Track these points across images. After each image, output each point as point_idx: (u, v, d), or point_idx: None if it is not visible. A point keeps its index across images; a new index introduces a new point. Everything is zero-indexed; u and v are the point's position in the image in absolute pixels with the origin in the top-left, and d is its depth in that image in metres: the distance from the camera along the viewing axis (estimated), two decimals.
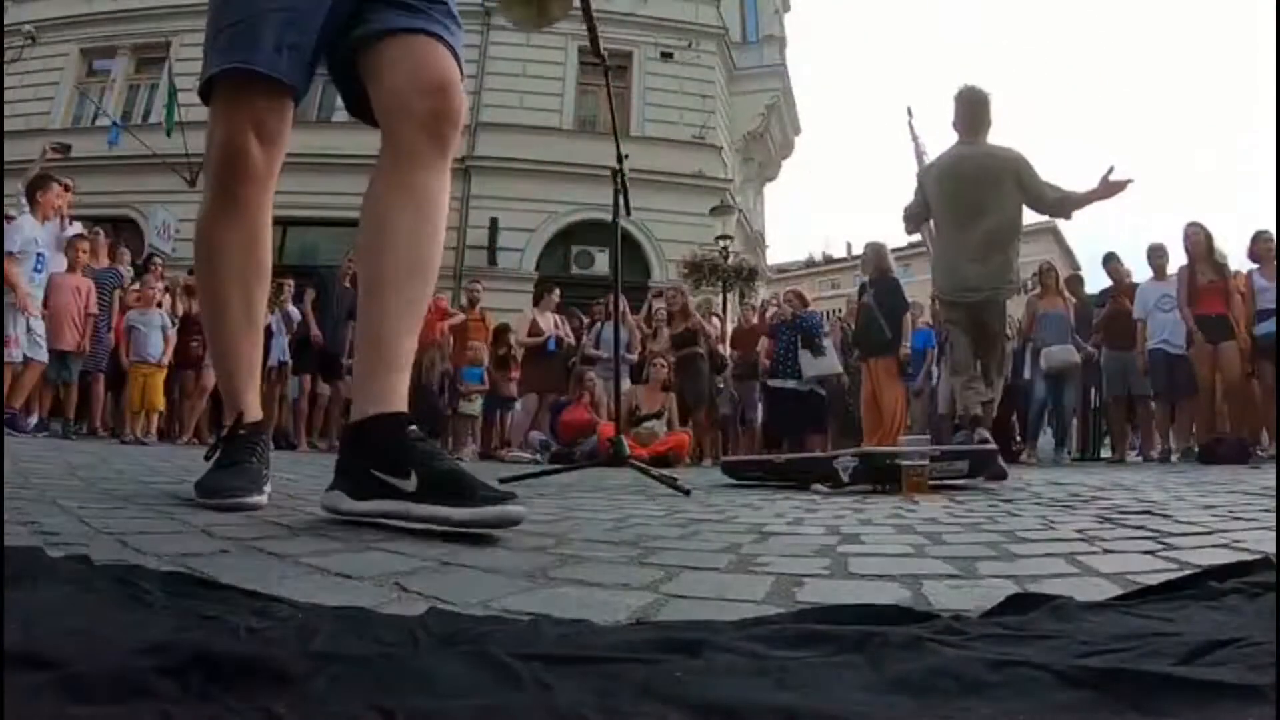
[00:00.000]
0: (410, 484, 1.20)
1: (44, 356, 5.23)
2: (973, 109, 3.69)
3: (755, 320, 7.93)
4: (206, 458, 1.53)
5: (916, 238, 4.46)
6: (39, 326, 5.17)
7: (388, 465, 1.22)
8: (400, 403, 1.31)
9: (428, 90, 1.35)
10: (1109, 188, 3.46)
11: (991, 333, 3.72)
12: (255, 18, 1.30)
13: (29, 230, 5.19)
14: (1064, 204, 3.60)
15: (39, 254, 5.21)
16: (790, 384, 6.64)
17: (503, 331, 7.38)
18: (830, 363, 6.62)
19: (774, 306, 7.69)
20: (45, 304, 5.29)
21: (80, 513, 1.24)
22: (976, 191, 3.57)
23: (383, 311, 1.35)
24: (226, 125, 1.36)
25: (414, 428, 1.28)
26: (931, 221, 3.87)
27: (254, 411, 1.51)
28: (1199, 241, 5.64)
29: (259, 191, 1.42)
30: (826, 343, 6.67)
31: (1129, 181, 3.47)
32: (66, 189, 5.61)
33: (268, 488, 1.45)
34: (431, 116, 1.36)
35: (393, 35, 1.35)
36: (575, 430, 5.90)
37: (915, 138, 4.37)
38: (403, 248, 1.36)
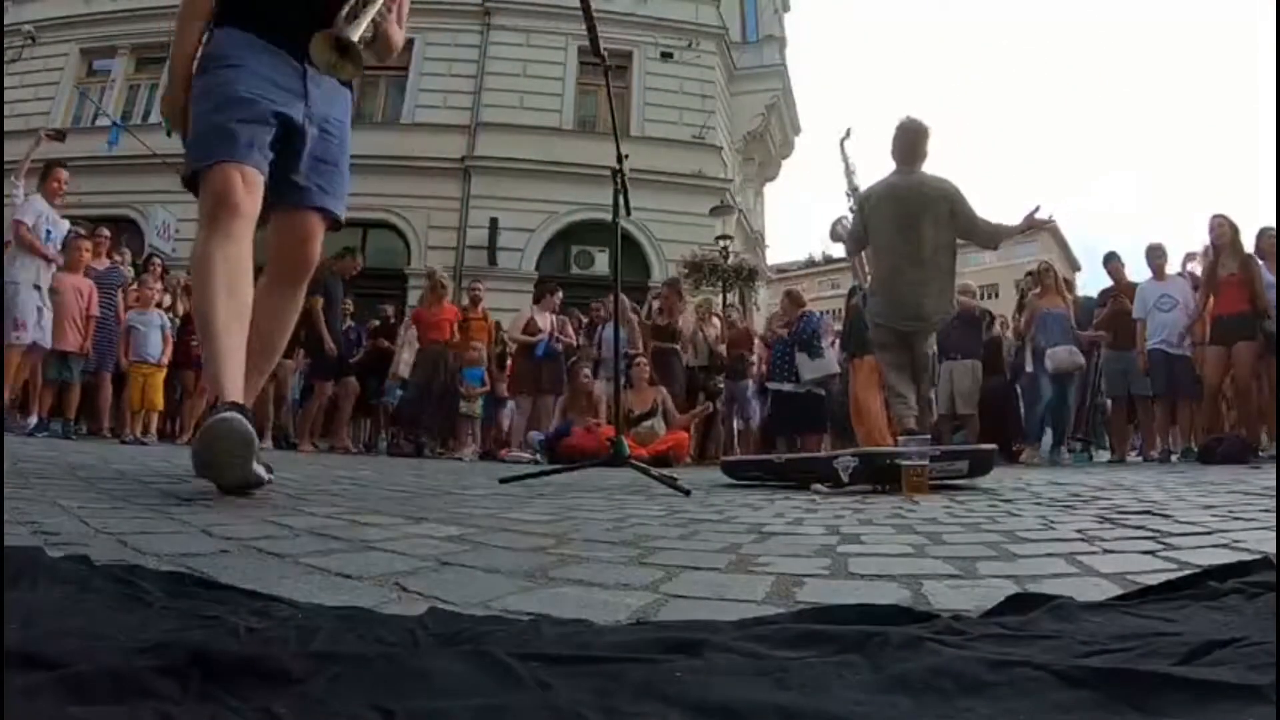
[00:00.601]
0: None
1: (48, 344, 5.24)
2: (912, 140, 3.86)
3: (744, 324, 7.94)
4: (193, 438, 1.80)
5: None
6: (48, 316, 5.19)
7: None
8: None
9: (298, 247, 2.09)
10: (1032, 223, 3.83)
11: (925, 357, 3.93)
12: (237, 116, 1.86)
13: (39, 208, 5.24)
14: (995, 235, 3.90)
15: (49, 230, 5.24)
16: (787, 387, 6.65)
17: (496, 329, 7.39)
18: (828, 364, 6.63)
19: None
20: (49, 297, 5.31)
21: (80, 513, 1.24)
22: (915, 221, 3.74)
23: (251, 368, 1.91)
24: (217, 185, 1.83)
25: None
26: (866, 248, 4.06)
27: (232, 393, 1.74)
28: (1224, 233, 5.58)
29: (246, 226, 1.86)
30: (824, 344, 6.68)
31: (1049, 220, 3.91)
32: (61, 180, 5.60)
33: (266, 472, 1.69)
34: (294, 265, 2.11)
35: (288, 209, 2.04)
36: (575, 452, 5.76)
37: (846, 158, 4.52)
38: (262, 335, 2.00)
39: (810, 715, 0.41)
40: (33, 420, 5.46)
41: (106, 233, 6.60)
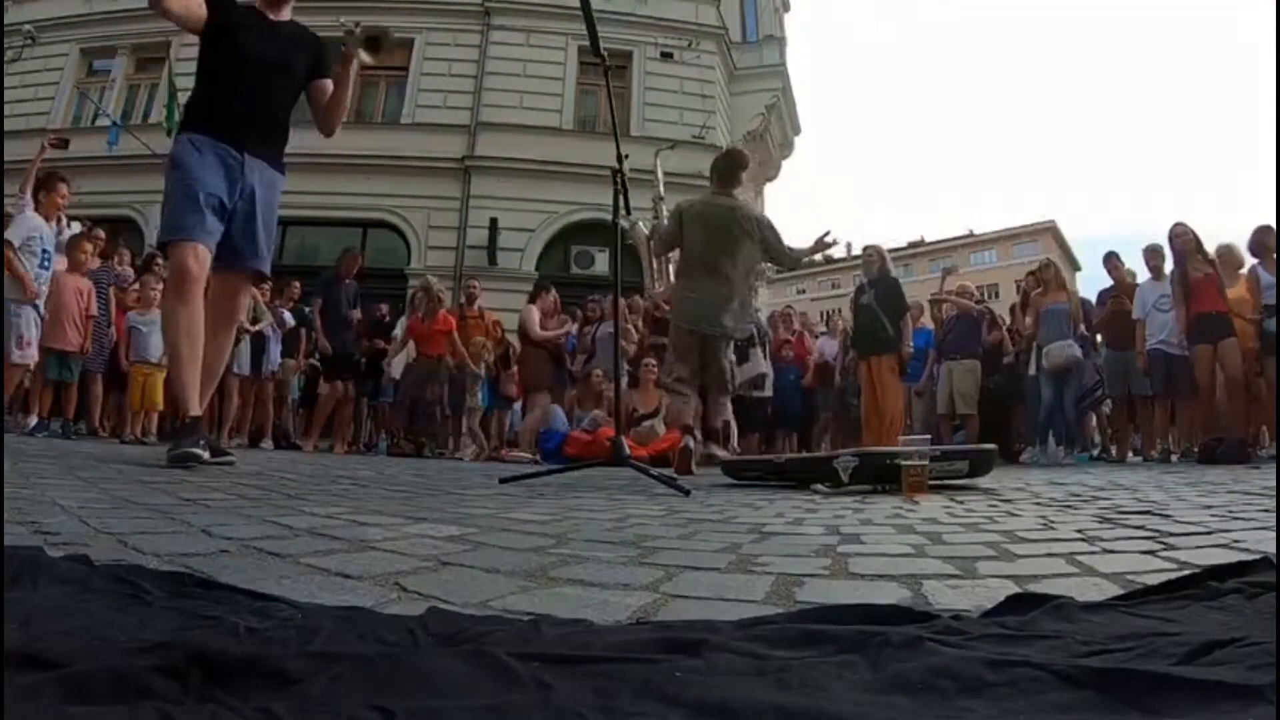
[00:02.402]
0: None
1: (35, 356, 5.24)
2: (734, 166, 4.30)
3: None
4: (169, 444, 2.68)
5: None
6: (36, 326, 5.18)
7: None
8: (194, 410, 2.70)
9: (227, 300, 2.91)
10: (820, 246, 4.42)
11: (719, 363, 4.21)
12: (193, 207, 2.63)
13: (33, 225, 5.20)
14: (796, 257, 4.37)
15: (45, 250, 5.22)
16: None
17: (496, 328, 7.39)
18: (754, 366, 6.70)
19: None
20: (46, 303, 5.30)
21: (80, 513, 1.24)
22: (727, 238, 4.10)
23: (205, 385, 2.81)
24: (178, 259, 2.63)
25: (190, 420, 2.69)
26: (675, 251, 4.34)
27: (194, 409, 2.68)
28: (1188, 240, 5.63)
29: (199, 288, 2.66)
30: (754, 350, 6.73)
31: (834, 243, 4.63)
32: (63, 194, 5.61)
33: (206, 452, 2.58)
34: (225, 314, 2.89)
35: (221, 272, 2.80)
36: (580, 448, 5.75)
37: (658, 169, 4.97)
38: (207, 364, 2.78)
39: (810, 715, 0.41)
40: (33, 420, 5.46)
41: (101, 234, 6.61)
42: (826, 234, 4.24)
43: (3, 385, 4.75)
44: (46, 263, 5.23)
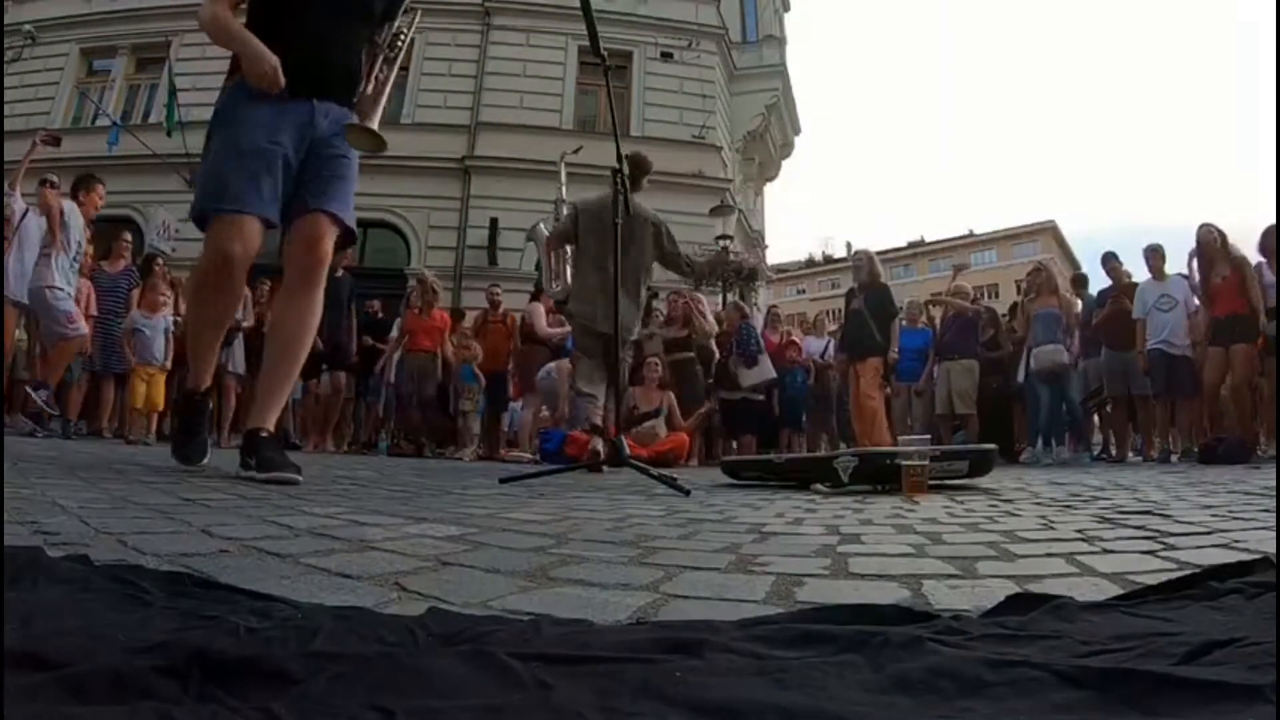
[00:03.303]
0: (253, 462, 2.14)
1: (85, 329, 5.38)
2: (632, 168, 4.21)
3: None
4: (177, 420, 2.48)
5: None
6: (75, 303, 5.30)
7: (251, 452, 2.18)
8: (267, 424, 2.24)
9: (311, 247, 2.24)
10: (720, 260, 4.82)
11: (614, 361, 4.21)
12: (245, 169, 2.10)
13: (72, 212, 5.30)
14: (692, 269, 4.62)
15: (78, 241, 5.32)
16: (734, 395, 6.82)
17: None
18: (763, 370, 6.86)
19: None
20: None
21: (80, 513, 1.24)
22: (625, 239, 4.06)
23: (272, 372, 2.31)
24: (219, 238, 2.09)
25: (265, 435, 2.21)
26: (569, 248, 4.44)
27: (203, 384, 2.45)
28: (1212, 240, 5.62)
29: (242, 274, 2.19)
30: (762, 355, 6.92)
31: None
32: (100, 195, 5.68)
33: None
34: (308, 267, 2.25)
35: (300, 217, 2.21)
36: (580, 448, 5.74)
37: (562, 170, 5.06)
38: (284, 339, 2.30)
39: (810, 715, 0.41)
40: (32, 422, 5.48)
41: (129, 237, 6.69)
42: (727, 247, 4.47)
43: (2, 385, 4.76)
44: (79, 257, 5.34)
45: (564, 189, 4.82)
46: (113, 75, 13.57)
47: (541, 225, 4.76)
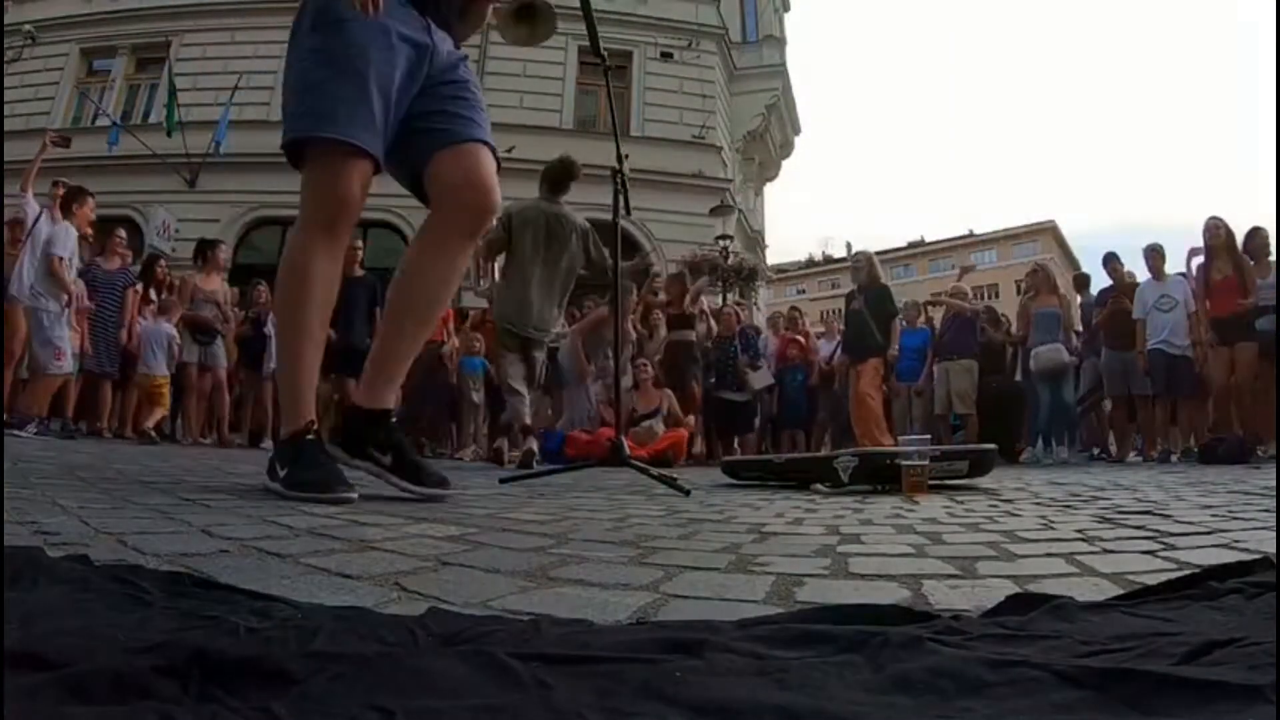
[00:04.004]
0: (387, 460, 1.78)
1: (70, 367, 5.39)
2: (564, 173, 4.55)
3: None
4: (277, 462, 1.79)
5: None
6: (70, 336, 5.29)
7: (375, 442, 1.78)
8: (390, 403, 1.84)
9: (478, 184, 1.77)
10: (645, 262, 5.14)
11: (539, 364, 4.43)
12: (357, 91, 1.62)
13: (73, 238, 5.29)
14: (613, 266, 4.53)
15: (73, 264, 5.34)
16: (739, 396, 6.95)
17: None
18: (763, 377, 7.12)
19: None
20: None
21: (80, 513, 1.24)
22: (553, 243, 4.30)
23: (398, 336, 1.84)
24: (338, 179, 1.63)
25: (395, 421, 1.83)
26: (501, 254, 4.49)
27: (307, 414, 1.76)
28: (1219, 236, 5.61)
29: (350, 228, 1.73)
30: (762, 360, 7.22)
31: (658, 273, 5.25)
32: (91, 208, 5.67)
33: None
34: (475, 209, 1.79)
35: (451, 148, 1.74)
36: (580, 448, 5.74)
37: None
38: (423, 297, 1.84)
39: (810, 715, 0.41)
40: (31, 426, 5.48)
41: (123, 234, 6.69)
42: (648, 256, 4.74)
43: (2, 384, 4.76)
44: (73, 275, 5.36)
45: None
46: (113, 75, 13.57)
47: None
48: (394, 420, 1.82)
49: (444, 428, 7.14)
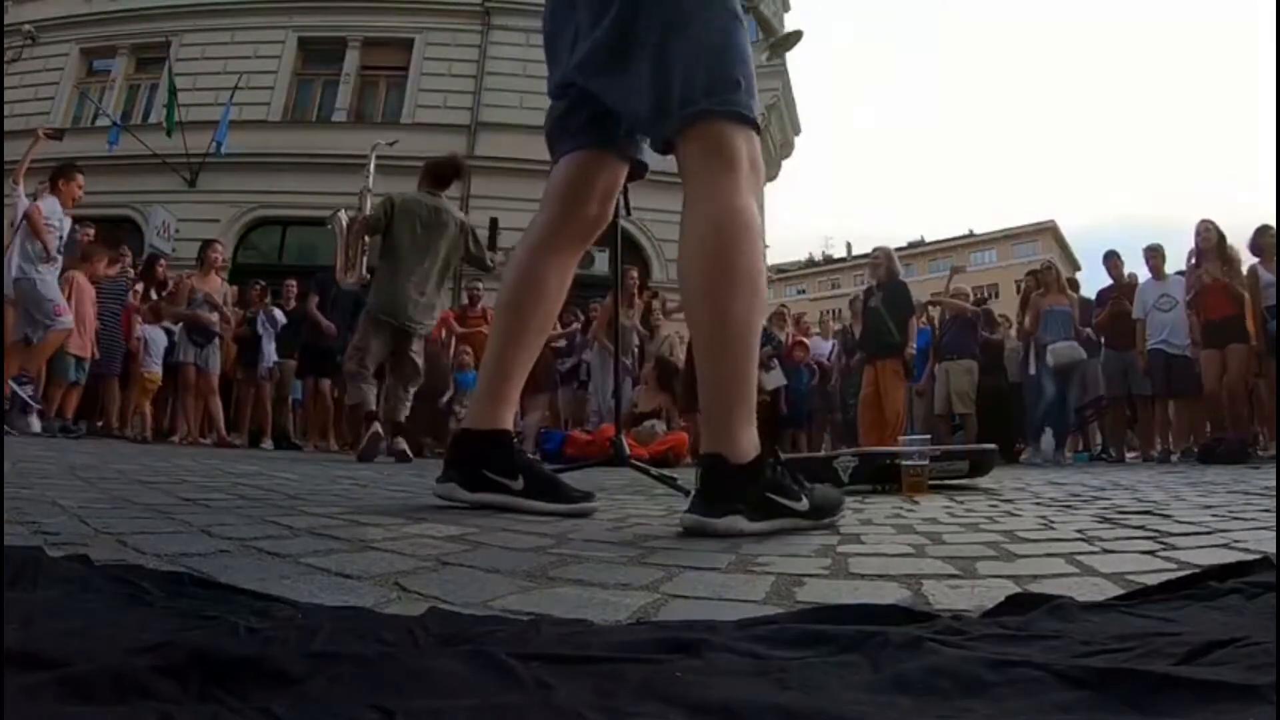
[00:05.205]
0: (518, 484, 1.58)
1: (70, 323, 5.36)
2: (450, 168, 4.62)
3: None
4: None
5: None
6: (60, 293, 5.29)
7: (498, 468, 1.58)
8: (509, 423, 1.64)
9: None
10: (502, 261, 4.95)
11: (412, 361, 4.39)
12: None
13: (55, 206, 5.31)
14: (494, 265, 4.76)
15: (60, 236, 5.32)
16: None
17: None
18: (775, 379, 7.11)
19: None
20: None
21: (80, 513, 1.24)
22: (432, 236, 4.29)
23: (515, 347, 1.70)
24: (757, 142, 1.54)
25: (516, 440, 1.65)
26: (367, 239, 4.51)
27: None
28: (1210, 238, 5.61)
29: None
30: (773, 360, 7.17)
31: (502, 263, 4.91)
32: (79, 184, 5.68)
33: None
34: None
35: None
36: (580, 448, 5.72)
37: (371, 162, 5.28)
38: (543, 305, 1.74)
39: (810, 715, 0.41)
40: (36, 423, 5.50)
41: (127, 251, 6.83)
42: (499, 254, 4.92)
43: (2, 384, 4.76)
44: (61, 249, 5.34)
45: (371, 179, 4.97)
46: (113, 75, 13.56)
47: (342, 214, 4.83)
48: (516, 440, 1.68)
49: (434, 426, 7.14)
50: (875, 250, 6.65)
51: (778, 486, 1.34)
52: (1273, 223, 5.51)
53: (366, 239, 4.57)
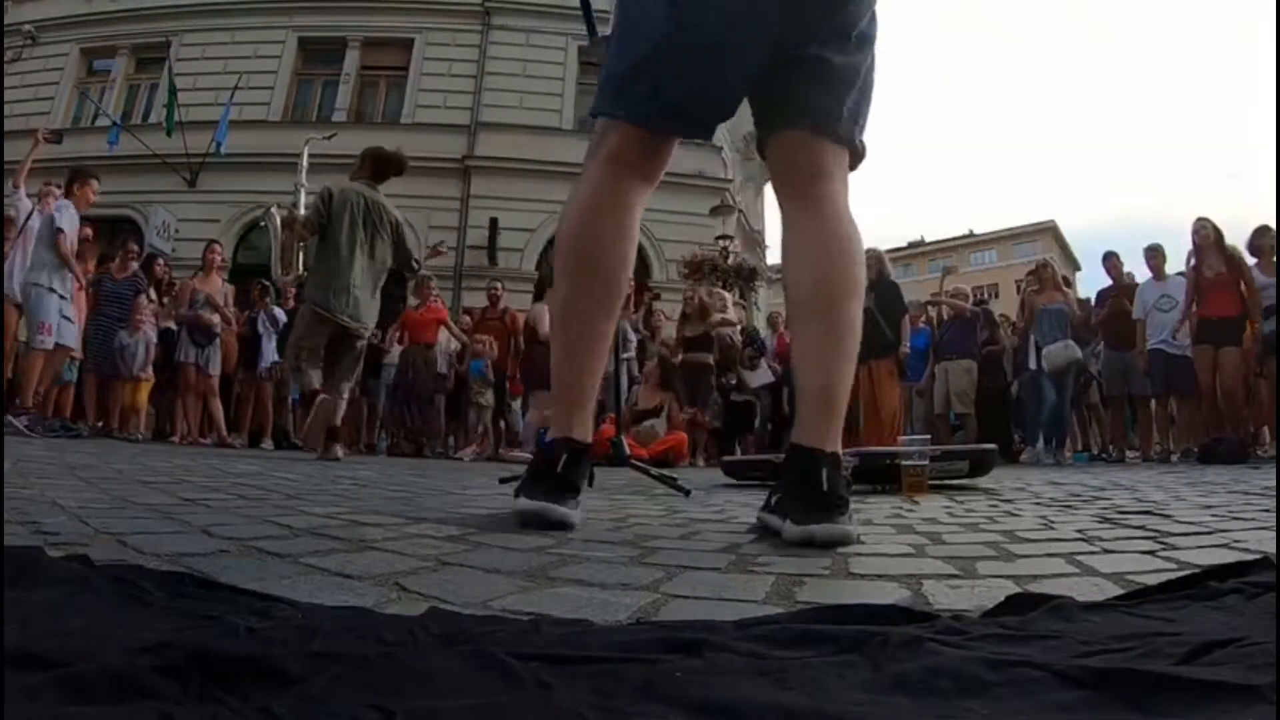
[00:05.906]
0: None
1: (76, 348, 5.35)
2: (389, 165, 4.51)
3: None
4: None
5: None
6: (70, 327, 5.28)
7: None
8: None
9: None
10: (434, 252, 5.69)
11: (352, 358, 4.36)
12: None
13: (75, 217, 5.31)
14: (419, 264, 4.98)
15: (71, 243, 5.34)
16: (739, 395, 7.02)
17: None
18: (763, 375, 7.11)
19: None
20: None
21: (80, 513, 1.24)
22: (370, 231, 4.26)
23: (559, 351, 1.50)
24: None
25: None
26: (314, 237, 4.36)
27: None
28: (1207, 235, 5.60)
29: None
30: (763, 358, 7.24)
31: (444, 251, 5.84)
32: (94, 189, 5.69)
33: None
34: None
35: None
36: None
37: (304, 157, 5.14)
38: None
39: (810, 715, 0.41)
40: (29, 419, 5.50)
41: (135, 247, 6.83)
42: (440, 243, 5.19)
43: (1, 384, 4.76)
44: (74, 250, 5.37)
45: (304, 175, 4.92)
46: (113, 75, 13.56)
47: (275, 210, 4.77)
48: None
49: (440, 426, 7.15)
50: (866, 251, 6.67)
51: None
52: (1273, 223, 5.51)
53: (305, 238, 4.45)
